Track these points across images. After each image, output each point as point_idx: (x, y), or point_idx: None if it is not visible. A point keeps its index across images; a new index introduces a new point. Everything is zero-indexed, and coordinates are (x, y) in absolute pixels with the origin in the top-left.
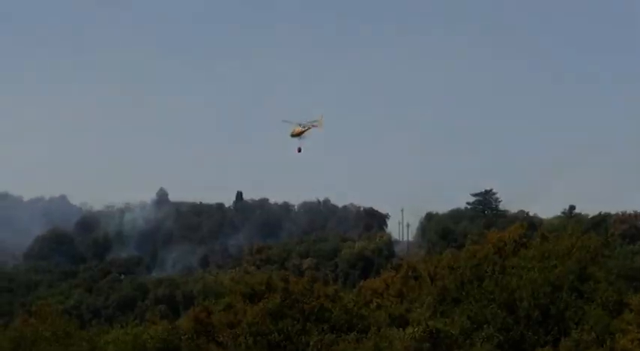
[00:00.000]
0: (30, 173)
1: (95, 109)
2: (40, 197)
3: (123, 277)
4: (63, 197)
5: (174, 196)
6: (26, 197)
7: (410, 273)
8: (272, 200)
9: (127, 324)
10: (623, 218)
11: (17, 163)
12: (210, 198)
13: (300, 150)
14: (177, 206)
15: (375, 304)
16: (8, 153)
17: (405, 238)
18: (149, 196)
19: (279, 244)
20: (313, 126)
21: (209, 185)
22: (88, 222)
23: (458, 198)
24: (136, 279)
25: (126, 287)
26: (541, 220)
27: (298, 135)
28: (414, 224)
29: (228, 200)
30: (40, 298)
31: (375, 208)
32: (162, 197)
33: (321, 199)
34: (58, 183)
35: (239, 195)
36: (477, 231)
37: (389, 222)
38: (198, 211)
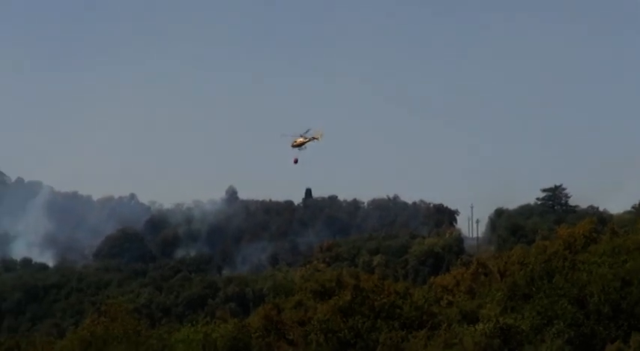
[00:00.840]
0: (99, 172)
1: (164, 108)
2: (109, 196)
3: (193, 275)
4: (132, 196)
5: (243, 194)
6: (96, 197)
7: (480, 269)
8: (341, 197)
9: (197, 322)
10: None
11: (87, 163)
12: (279, 196)
13: (296, 161)
14: (247, 204)
15: (445, 300)
16: (77, 152)
17: (475, 235)
18: (218, 194)
19: (349, 241)
20: (314, 138)
21: (278, 183)
22: (158, 220)
23: (528, 194)
24: (205, 277)
25: (196, 285)
26: (611, 216)
27: (299, 146)
28: (484, 220)
29: (298, 198)
30: (111, 297)
31: (445, 204)
32: (231, 195)
33: (391, 195)
34: (128, 182)
35: (308, 192)
36: (546, 226)
37: (458, 218)
38: (268, 208)
